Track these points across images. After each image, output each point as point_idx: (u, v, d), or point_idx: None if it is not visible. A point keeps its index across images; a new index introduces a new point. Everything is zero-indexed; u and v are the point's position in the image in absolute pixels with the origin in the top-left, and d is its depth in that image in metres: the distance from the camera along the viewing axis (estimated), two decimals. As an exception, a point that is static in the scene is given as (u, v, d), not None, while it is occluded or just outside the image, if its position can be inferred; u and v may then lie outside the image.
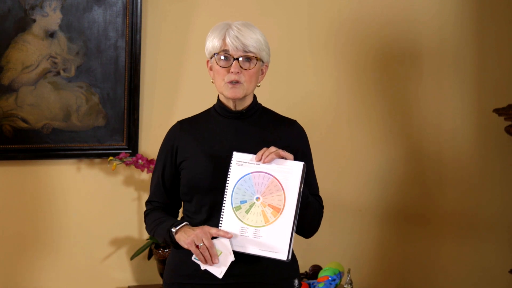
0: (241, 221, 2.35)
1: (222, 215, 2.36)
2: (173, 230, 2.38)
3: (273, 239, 2.32)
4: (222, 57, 2.42)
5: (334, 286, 3.51)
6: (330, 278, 3.51)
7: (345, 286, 3.58)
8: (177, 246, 2.41)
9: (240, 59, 2.41)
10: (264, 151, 2.35)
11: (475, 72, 4.01)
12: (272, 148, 2.35)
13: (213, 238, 2.36)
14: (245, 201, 2.36)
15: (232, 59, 2.41)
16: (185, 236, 2.35)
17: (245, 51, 2.41)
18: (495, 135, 4.03)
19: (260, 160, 2.35)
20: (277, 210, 2.33)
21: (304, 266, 3.63)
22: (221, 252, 2.35)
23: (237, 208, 2.36)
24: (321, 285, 3.50)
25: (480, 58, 4.01)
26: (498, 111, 3.84)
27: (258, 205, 2.35)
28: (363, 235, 3.95)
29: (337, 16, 3.83)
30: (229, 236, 2.34)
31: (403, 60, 3.93)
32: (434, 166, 4.01)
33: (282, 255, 2.31)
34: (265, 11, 3.73)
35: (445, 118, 4.00)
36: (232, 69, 2.41)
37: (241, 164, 2.37)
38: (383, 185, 3.96)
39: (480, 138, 4.04)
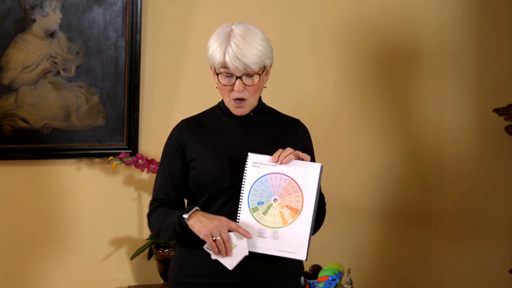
0: (259, 222, 2.35)
1: (239, 216, 2.36)
2: (185, 216, 2.32)
3: (292, 239, 2.33)
4: (225, 76, 2.40)
5: (334, 286, 3.51)
6: (330, 278, 3.51)
7: (345, 286, 3.58)
8: (188, 234, 2.34)
9: (243, 77, 2.39)
10: (281, 152, 2.35)
11: (475, 72, 4.02)
12: (289, 149, 2.35)
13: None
14: (263, 203, 2.35)
15: (234, 78, 2.39)
16: (201, 225, 2.29)
17: (247, 69, 2.37)
18: (495, 135, 4.03)
19: (277, 161, 2.35)
20: (295, 211, 2.34)
21: (304, 266, 3.62)
22: (236, 246, 2.33)
23: (254, 210, 2.36)
24: (321, 285, 3.50)
25: (480, 58, 4.01)
26: (498, 111, 3.84)
27: (275, 207, 2.35)
28: (363, 235, 3.95)
29: (337, 16, 3.83)
30: (248, 236, 2.31)
31: (403, 60, 3.93)
32: (434, 166, 4.01)
33: (301, 255, 2.34)
34: (266, 11, 3.73)
35: (445, 118, 4.00)
36: (235, 88, 2.39)
37: (257, 166, 2.36)
38: (383, 185, 3.96)
39: (480, 137, 4.05)
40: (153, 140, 3.61)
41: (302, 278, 2.51)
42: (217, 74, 2.41)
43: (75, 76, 3.48)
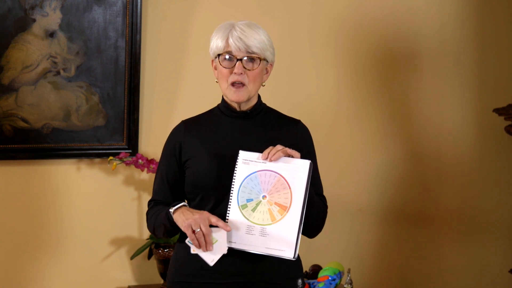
0: (247, 219, 2.35)
1: (228, 213, 2.36)
2: (171, 210, 2.37)
3: (279, 237, 2.32)
4: (226, 58, 2.42)
5: (334, 286, 3.51)
6: (330, 278, 3.51)
7: (345, 286, 3.58)
8: (175, 229, 2.39)
9: (244, 59, 2.41)
10: (271, 149, 2.35)
11: (475, 72, 4.02)
12: (279, 146, 2.35)
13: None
14: (252, 200, 2.35)
15: (235, 60, 2.41)
16: (183, 218, 2.33)
17: (248, 52, 2.40)
18: (495, 135, 4.03)
19: (266, 158, 2.35)
20: (284, 208, 2.33)
21: (304, 266, 3.61)
22: (217, 241, 2.34)
23: (243, 207, 2.36)
24: (321, 285, 3.50)
25: (480, 58, 4.01)
26: (498, 110, 3.84)
27: (264, 203, 2.35)
28: (363, 235, 3.95)
29: (337, 16, 3.84)
30: (227, 229, 2.33)
31: (403, 60, 3.93)
32: (434, 166, 4.02)
33: (289, 254, 2.31)
34: (266, 11, 3.73)
35: (445, 118, 4.00)
36: (235, 70, 2.41)
37: (247, 163, 2.36)
38: (383, 185, 3.96)
39: (480, 137, 4.05)
40: (153, 140, 3.61)
41: (300, 281, 2.50)
42: (218, 56, 2.42)
43: (75, 76, 3.48)
